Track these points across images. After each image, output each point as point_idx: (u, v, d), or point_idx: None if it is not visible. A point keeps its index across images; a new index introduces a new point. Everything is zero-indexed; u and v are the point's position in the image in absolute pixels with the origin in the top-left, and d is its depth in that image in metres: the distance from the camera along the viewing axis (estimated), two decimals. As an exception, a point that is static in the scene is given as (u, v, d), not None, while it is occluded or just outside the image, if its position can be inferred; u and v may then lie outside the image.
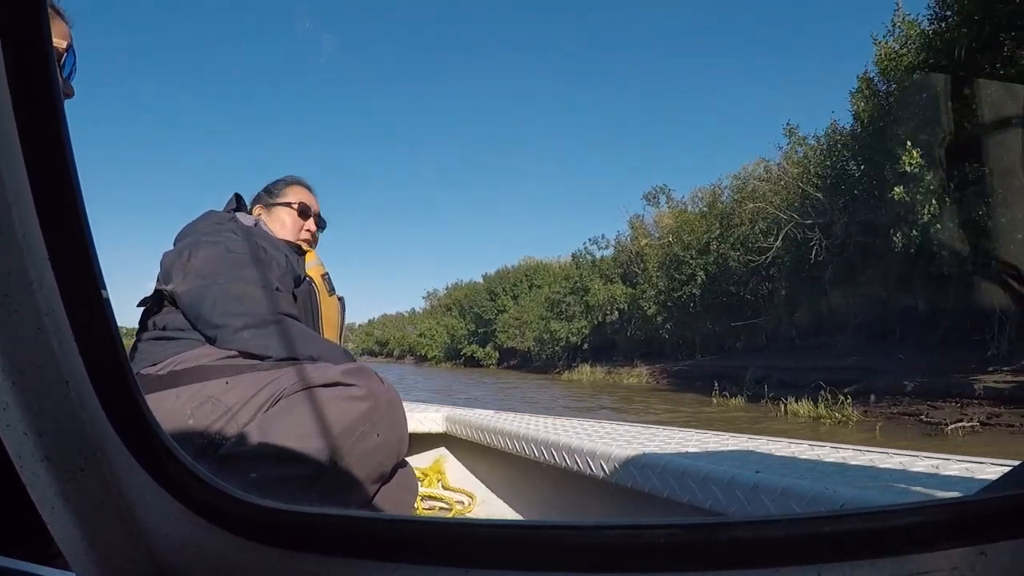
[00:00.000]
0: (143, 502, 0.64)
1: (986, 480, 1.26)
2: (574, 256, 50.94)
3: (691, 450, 1.80)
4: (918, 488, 1.22)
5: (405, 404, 1.86)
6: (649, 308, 37.99)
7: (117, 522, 0.64)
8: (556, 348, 49.92)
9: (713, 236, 33.81)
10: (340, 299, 2.33)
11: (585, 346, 46.64)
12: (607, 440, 1.99)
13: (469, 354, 75.76)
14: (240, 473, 1.51)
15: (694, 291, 34.54)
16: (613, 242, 47.01)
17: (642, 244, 41.47)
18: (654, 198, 43.80)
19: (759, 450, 1.77)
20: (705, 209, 37.22)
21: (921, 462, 1.48)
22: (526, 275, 72.89)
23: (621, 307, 42.74)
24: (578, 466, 1.96)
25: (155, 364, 1.74)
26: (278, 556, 0.67)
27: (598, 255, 48.48)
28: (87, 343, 0.57)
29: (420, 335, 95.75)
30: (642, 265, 40.65)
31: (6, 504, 0.69)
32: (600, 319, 44.76)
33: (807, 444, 1.82)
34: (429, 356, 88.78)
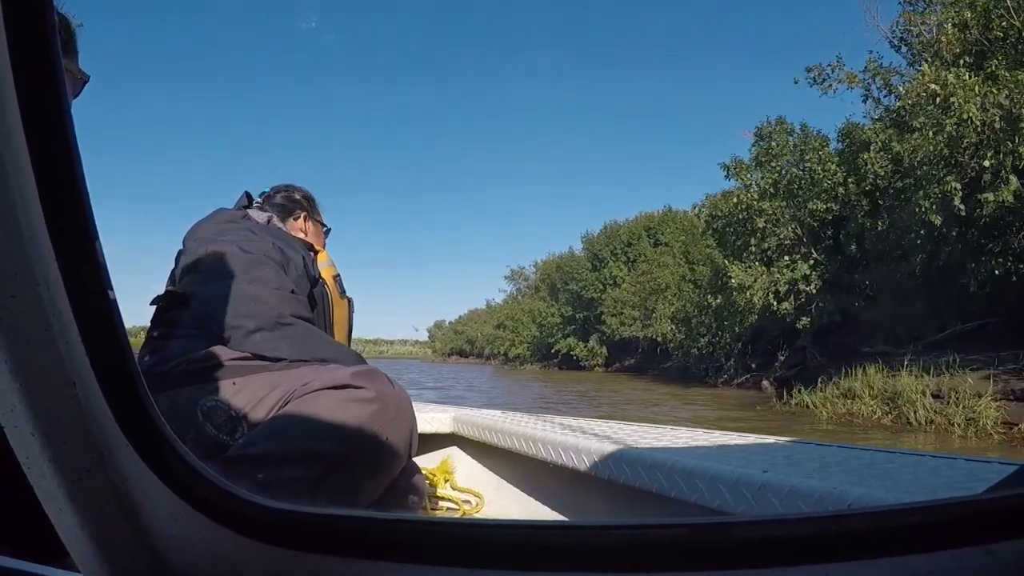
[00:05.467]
0: (150, 503, 0.64)
1: (993, 479, 1.26)
2: (759, 130, 22.67)
3: (698, 450, 1.80)
4: (925, 488, 1.22)
5: (413, 404, 1.86)
6: None
7: (124, 523, 0.64)
8: (724, 335, 25.64)
9: None
10: (350, 301, 2.33)
11: (803, 322, 21.41)
12: (614, 440, 1.99)
13: (564, 351, 53.25)
14: (248, 474, 1.51)
15: None
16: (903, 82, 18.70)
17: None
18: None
19: (766, 450, 1.77)
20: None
21: (928, 462, 1.47)
22: (646, 229, 49.22)
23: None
24: (586, 466, 1.96)
25: (165, 363, 1.74)
26: (284, 556, 0.67)
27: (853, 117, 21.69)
28: (94, 343, 0.57)
29: (497, 326, 72.89)
30: None
31: (14, 504, 0.70)
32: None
33: (814, 444, 1.82)
34: (511, 355, 66.05)
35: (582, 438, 2.08)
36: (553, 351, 55.29)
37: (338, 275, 2.30)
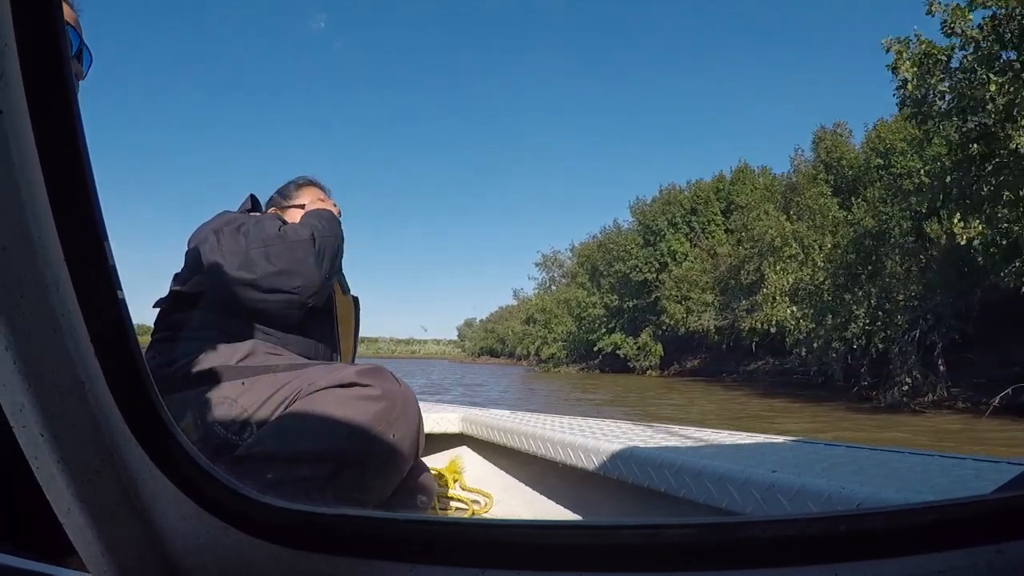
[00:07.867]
0: (159, 503, 0.64)
1: (1002, 479, 1.25)
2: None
3: (707, 449, 1.79)
4: (934, 487, 1.21)
5: (421, 404, 1.86)
6: None
7: (133, 523, 0.64)
8: (899, 317, 16.91)
9: None
10: (354, 298, 2.33)
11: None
12: (623, 440, 1.99)
13: (609, 349, 43.22)
14: (256, 474, 1.51)
15: None
16: None
17: None
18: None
19: (775, 450, 1.77)
20: None
21: (937, 461, 1.47)
22: (715, 192, 39.03)
23: None
24: (595, 466, 1.96)
25: (171, 365, 1.75)
26: (294, 557, 0.67)
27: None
28: (103, 344, 0.57)
29: (526, 320, 62.59)
30: None
31: (23, 503, 0.70)
32: None
33: (822, 443, 1.82)
34: (544, 355, 54.68)
35: (591, 438, 2.08)
36: (595, 350, 44.97)
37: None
